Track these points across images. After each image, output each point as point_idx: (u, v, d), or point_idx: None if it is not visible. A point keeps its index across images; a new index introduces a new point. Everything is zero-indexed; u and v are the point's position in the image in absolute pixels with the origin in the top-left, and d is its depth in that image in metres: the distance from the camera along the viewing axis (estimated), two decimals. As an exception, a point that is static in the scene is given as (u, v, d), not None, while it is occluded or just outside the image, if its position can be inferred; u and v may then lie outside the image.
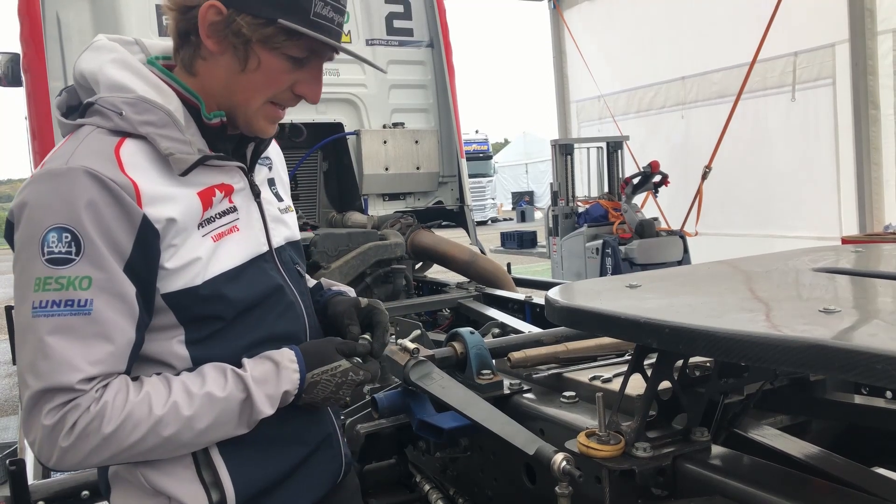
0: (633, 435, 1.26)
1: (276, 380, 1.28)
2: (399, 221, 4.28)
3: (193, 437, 1.21)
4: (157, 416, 1.17)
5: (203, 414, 1.20)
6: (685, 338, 1.07)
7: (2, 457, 4.18)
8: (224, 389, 1.23)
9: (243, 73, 1.27)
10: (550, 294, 1.39)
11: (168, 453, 1.22)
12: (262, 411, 1.26)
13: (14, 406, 6.51)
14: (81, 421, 1.13)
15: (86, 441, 1.13)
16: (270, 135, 1.38)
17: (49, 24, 3.97)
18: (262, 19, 1.23)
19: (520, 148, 34.21)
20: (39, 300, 1.12)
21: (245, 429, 1.27)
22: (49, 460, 1.15)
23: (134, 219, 1.16)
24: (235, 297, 1.28)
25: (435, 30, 5.12)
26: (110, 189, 1.15)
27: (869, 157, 7.73)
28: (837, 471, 1.27)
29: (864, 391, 1.69)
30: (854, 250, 1.78)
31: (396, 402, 1.77)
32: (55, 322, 1.11)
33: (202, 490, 1.26)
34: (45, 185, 1.15)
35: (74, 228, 1.12)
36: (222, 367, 1.26)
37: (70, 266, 1.12)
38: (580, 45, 10.92)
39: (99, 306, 1.13)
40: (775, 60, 8.28)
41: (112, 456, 1.17)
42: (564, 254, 8.75)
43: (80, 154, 1.17)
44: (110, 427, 1.14)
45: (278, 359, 1.30)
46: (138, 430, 1.16)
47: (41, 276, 1.12)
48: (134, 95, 1.23)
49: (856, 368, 0.86)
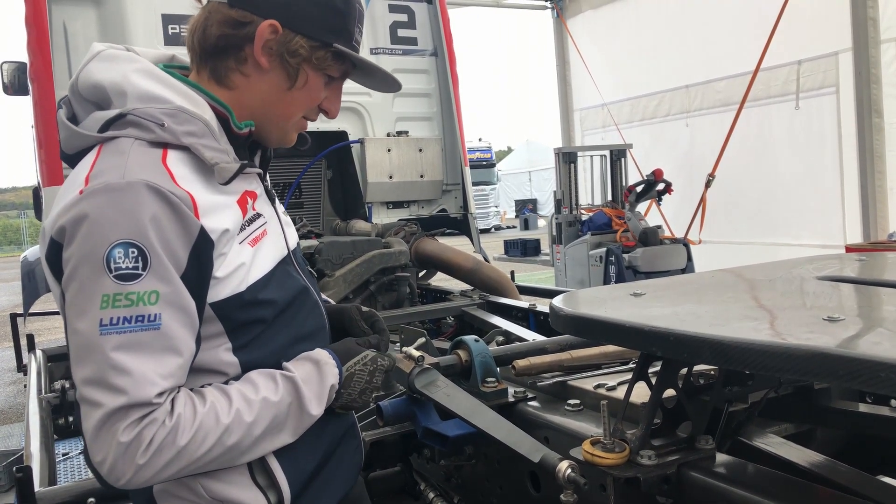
0: (637, 443, 1.26)
1: (319, 377, 1.31)
2: (403, 229, 4.29)
3: (251, 444, 1.22)
4: (224, 424, 1.18)
5: (261, 419, 1.22)
6: (690, 346, 1.07)
7: (7, 464, 4.19)
8: (277, 393, 1.25)
9: (290, 90, 1.32)
10: (555, 302, 1.40)
11: (224, 464, 1.22)
12: (311, 411, 1.28)
13: (18, 413, 6.51)
14: (158, 435, 1.12)
15: (161, 456, 1.13)
16: (293, 144, 1.43)
17: (56, 34, 4.00)
18: (318, 42, 1.30)
19: (523, 156, 34.24)
20: (109, 317, 1.10)
21: (293, 436, 1.28)
22: (120, 479, 1.12)
23: (192, 231, 1.16)
24: (273, 300, 1.29)
25: (439, 38, 5.14)
26: (171, 203, 1.14)
27: (873, 166, 7.72)
28: (842, 479, 1.27)
29: (868, 399, 1.69)
30: (858, 258, 1.78)
31: (401, 409, 1.77)
32: (126, 338, 1.10)
33: (260, 494, 1.28)
34: (106, 200, 1.12)
35: (140, 243, 1.11)
36: (271, 372, 1.27)
37: (138, 281, 1.11)
38: (584, 53, 10.94)
39: (167, 320, 1.13)
40: (779, 69, 8.28)
41: (180, 469, 1.16)
42: (568, 262, 8.74)
43: (135, 167, 1.15)
44: (184, 439, 1.14)
45: (316, 357, 1.33)
46: (208, 440, 1.16)
47: (109, 293, 1.10)
48: (172, 106, 1.23)
49: (860, 377, 0.87)
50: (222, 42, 1.28)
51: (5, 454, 4.36)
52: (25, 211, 37.69)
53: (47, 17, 3.91)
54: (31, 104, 4.15)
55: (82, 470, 4.66)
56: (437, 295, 4.39)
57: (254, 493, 1.27)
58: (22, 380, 6.32)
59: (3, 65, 5.19)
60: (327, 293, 3.71)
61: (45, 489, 1.80)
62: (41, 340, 5.31)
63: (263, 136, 1.37)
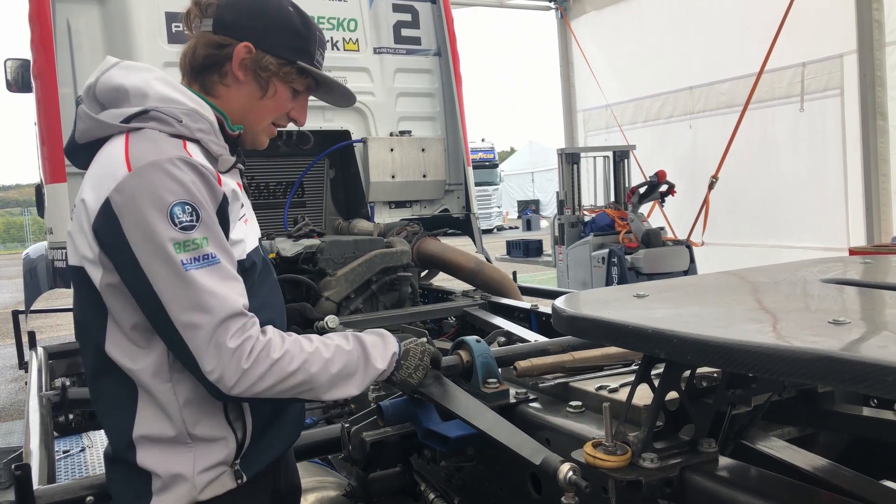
0: (639, 445, 1.25)
1: (383, 343, 1.61)
2: (405, 229, 4.28)
3: (328, 381, 1.48)
4: (308, 352, 1.46)
5: (336, 360, 1.50)
6: (694, 348, 1.06)
7: (6, 462, 4.19)
8: (348, 345, 1.55)
9: (262, 99, 1.64)
10: (558, 303, 1.39)
11: (305, 394, 1.48)
12: (377, 365, 1.57)
13: (19, 410, 6.52)
14: (257, 346, 1.39)
15: (259, 365, 1.39)
16: (265, 147, 1.73)
17: (59, 31, 4.00)
18: (285, 59, 1.62)
19: (526, 157, 34.24)
20: (187, 258, 1.37)
21: (359, 388, 1.55)
22: (230, 382, 1.37)
23: (218, 195, 1.46)
24: (256, 270, 1.59)
25: (442, 38, 5.14)
26: (203, 173, 1.43)
27: (877, 169, 7.70)
28: (845, 483, 1.26)
29: (872, 403, 1.68)
30: (862, 261, 1.77)
31: (402, 410, 1.77)
32: (204, 271, 1.38)
33: (230, 430, 1.51)
34: (155, 173, 1.39)
35: (191, 202, 1.39)
36: (343, 332, 1.60)
37: (195, 230, 1.39)
38: (587, 54, 10.93)
39: (221, 257, 1.42)
40: (783, 71, 8.27)
41: (273, 384, 1.41)
42: (570, 263, 8.73)
43: (168, 149, 1.43)
44: (277, 354, 1.41)
45: (380, 331, 1.65)
46: (295, 361, 1.43)
47: (179, 241, 1.37)
48: (186, 108, 1.52)
49: (865, 380, 0.86)
50: (208, 60, 1.60)
51: (5, 451, 4.36)
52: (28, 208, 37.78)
53: (51, 15, 3.91)
54: (35, 101, 4.15)
55: (82, 468, 4.67)
56: (438, 295, 4.38)
57: (224, 428, 1.50)
58: (24, 377, 6.33)
59: (6, 62, 5.18)
60: (329, 292, 3.71)
61: (43, 487, 1.79)
62: (42, 338, 5.33)
63: (241, 138, 1.67)
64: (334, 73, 4.56)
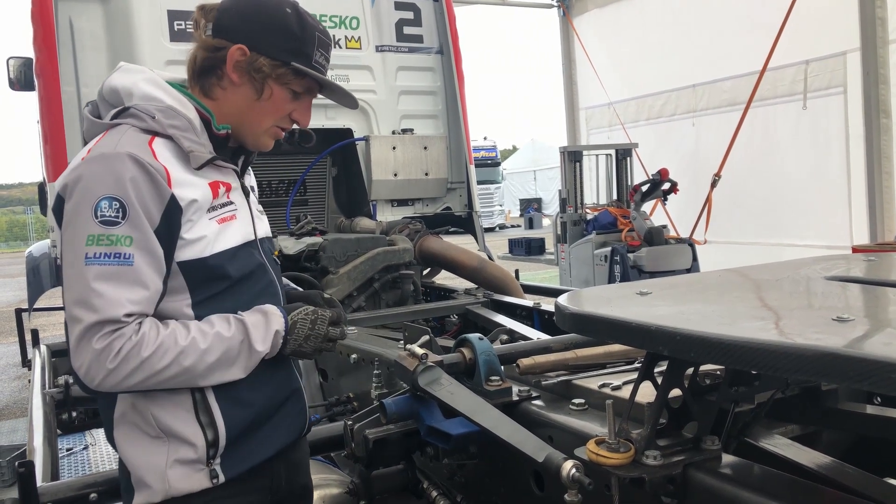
0: (642, 443, 1.25)
1: (265, 322, 1.59)
2: (407, 227, 4.28)
3: (204, 370, 1.49)
4: (182, 346, 1.46)
5: (214, 349, 1.49)
6: (697, 345, 1.06)
7: (10, 459, 4.19)
8: (229, 331, 1.53)
9: (258, 101, 1.64)
10: (561, 300, 1.39)
11: (182, 384, 1.48)
12: (257, 348, 1.55)
13: (23, 408, 6.54)
14: (126, 346, 1.40)
15: (127, 363, 1.40)
16: (269, 149, 1.73)
17: (62, 30, 4.00)
18: (279, 61, 1.61)
19: (528, 155, 34.22)
20: (93, 252, 1.40)
21: (243, 372, 1.55)
22: (94, 380, 1.40)
23: (164, 196, 1.46)
24: (232, 270, 1.59)
25: (444, 36, 5.13)
26: (148, 171, 1.45)
27: (880, 166, 7.68)
28: (849, 481, 1.26)
29: (876, 401, 1.67)
30: (866, 259, 1.77)
31: (405, 407, 1.77)
32: (105, 269, 1.40)
33: (200, 430, 1.53)
34: (98, 164, 1.44)
35: (121, 198, 1.42)
36: (225, 315, 1.56)
37: (117, 227, 1.41)
38: (590, 52, 10.90)
39: (138, 260, 1.42)
40: (786, 68, 8.24)
41: (143, 380, 1.42)
42: (573, 261, 8.72)
43: (125, 143, 1.47)
44: (147, 352, 1.41)
45: (265, 309, 1.61)
46: (167, 356, 1.43)
47: (94, 234, 1.40)
48: (163, 105, 1.56)
49: (870, 378, 0.86)
50: (206, 63, 1.63)
51: (9, 449, 4.37)
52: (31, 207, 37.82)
53: (53, 13, 3.91)
54: (37, 100, 4.15)
55: (85, 465, 4.68)
56: (441, 293, 4.38)
57: (194, 428, 1.52)
58: (27, 375, 6.34)
59: (9, 60, 5.19)
60: (331, 290, 3.71)
61: (46, 484, 1.80)
62: (46, 336, 5.33)
63: (241, 139, 1.69)
64: (336, 71, 4.56)
